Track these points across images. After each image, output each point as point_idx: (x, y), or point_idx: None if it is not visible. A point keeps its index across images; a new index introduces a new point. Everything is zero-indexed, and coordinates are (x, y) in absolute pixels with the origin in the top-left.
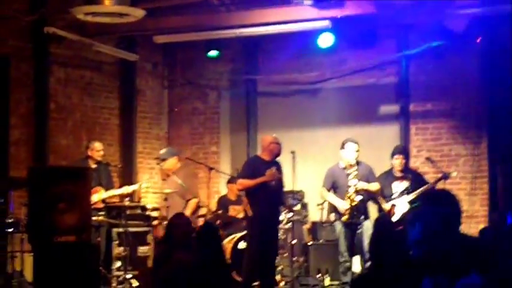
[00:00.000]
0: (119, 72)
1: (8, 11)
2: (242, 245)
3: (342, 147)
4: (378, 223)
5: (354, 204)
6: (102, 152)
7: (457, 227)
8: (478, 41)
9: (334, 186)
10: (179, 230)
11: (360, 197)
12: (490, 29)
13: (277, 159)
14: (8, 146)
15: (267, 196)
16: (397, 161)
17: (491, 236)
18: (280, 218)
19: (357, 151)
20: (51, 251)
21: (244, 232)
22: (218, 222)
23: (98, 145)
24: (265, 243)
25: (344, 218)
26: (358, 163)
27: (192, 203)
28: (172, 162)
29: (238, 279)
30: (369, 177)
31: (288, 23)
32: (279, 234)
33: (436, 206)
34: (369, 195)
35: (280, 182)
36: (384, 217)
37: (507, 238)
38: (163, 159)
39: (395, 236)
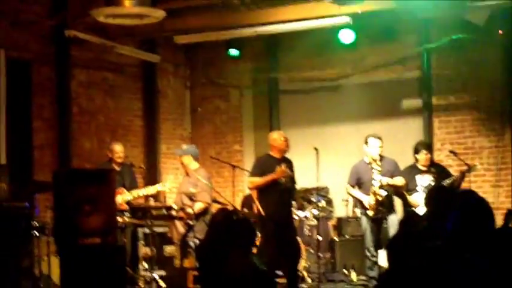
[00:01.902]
0: (141, 73)
1: (28, 16)
2: None
3: (365, 143)
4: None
5: (379, 199)
6: (121, 154)
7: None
8: (500, 33)
9: (359, 182)
10: (219, 225)
11: (384, 192)
12: (511, 20)
13: (288, 156)
14: (32, 150)
15: (278, 195)
16: (424, 157)
17: None
18: (307, 214)
19: (380, 146)
20: (77, 253)
21: None
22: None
23: (117, 148)
24: (281, 242)
25: (370, 213)
26: (382, 158)
27: (199, 206)
28: (185, 161)
29: None
30: (393, 172)
31: (308, 20)
32: (303, 232)
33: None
34: (394, 190)
35: (291, 180)
36: (409, 217)
37: None
38: (180, 156)
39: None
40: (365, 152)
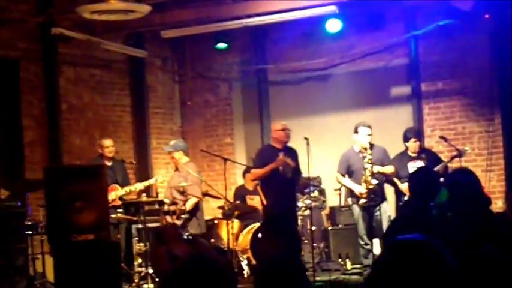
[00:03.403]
0: (129, 69)
1: (15, 14)
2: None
3: (355, 131)
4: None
5: (370, 187)
6: (112, 149)
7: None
8: (487, 17)
9: (349, 170)
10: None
11: (375, 181)
12: (498, 5)
13: (292, 145)
14: (22, 148)
15: (281, 184)
16: (414, 144)
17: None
18: (299, 204)
19: (370, 135)
20: (70, 250)
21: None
22: (236, 212)
23: (107, 142)
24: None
25: (361, 201)
26: (372, 146)
27: (191, 202)
28: (176, 156)
29: None
30: (383, 159)
31: (294, 10)
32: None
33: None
34: (385, 178)
35: (294, 170)
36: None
37: None
38: (169, 152)
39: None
40: (355, 141)
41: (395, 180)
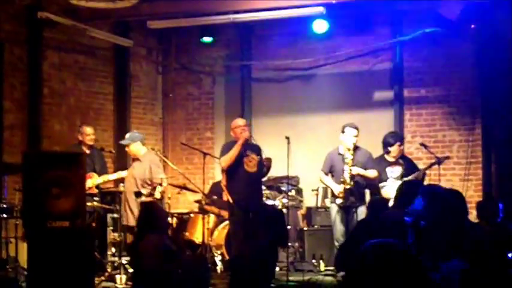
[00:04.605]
0: (113, 57)
1: None
2: None
3: (342, 131)
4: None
5: (347, 187)
6: (92, 136)
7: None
8: (472, 27)
9: (332, 170)
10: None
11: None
12: (484, 15)
13: (260, 144)
14: (1, 130)
15: (246, 182)
16: (399, 149)
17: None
18: (276, 203)
19: (356, 136)
20: (45, 236)
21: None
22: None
23: (88, 129)
24: (248, 228)
25: (338, 201)
26: (357, 148)
27: (159, 189)
28: (134, 148)
29: None
30: (367, 163)
31: (282, 8)
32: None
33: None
34: (367, 182)
35: (259, 164)
36: (378, 201)
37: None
38: (126, 145)
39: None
40: (341, 141)
41: (380, 186)
